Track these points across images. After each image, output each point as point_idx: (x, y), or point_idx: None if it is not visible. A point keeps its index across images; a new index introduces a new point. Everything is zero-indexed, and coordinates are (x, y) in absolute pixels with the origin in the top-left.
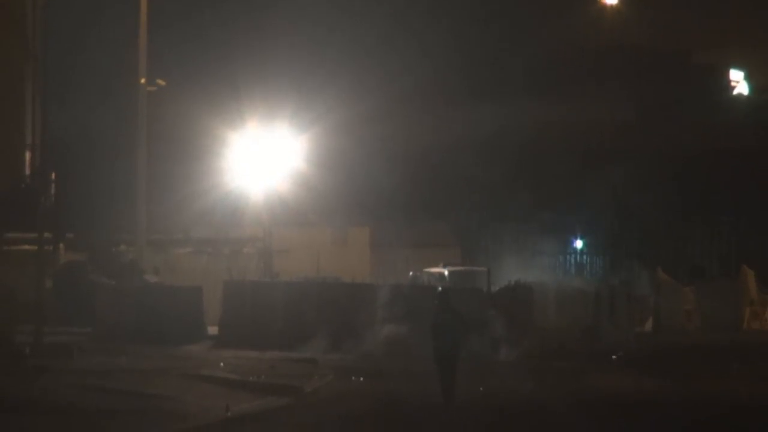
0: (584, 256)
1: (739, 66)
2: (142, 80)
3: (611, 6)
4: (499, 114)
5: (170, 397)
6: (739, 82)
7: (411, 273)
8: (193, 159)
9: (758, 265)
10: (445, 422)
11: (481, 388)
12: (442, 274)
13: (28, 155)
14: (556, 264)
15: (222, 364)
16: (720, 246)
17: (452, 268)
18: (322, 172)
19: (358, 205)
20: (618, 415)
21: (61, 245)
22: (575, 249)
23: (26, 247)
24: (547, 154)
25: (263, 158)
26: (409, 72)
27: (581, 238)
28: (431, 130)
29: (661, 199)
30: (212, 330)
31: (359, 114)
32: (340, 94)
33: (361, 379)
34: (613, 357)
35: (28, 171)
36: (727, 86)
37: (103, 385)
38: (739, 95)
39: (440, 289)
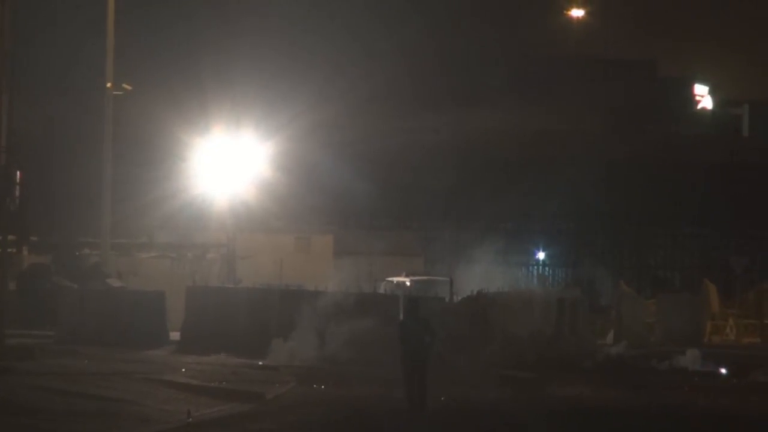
0: (546, 268)
1: (704, 81)
2: (109, 84)
3: (577, 18)
4: (465, 122)
5: (132, 401)
6: (704, 96)
7: (383, 281)
8: (158, 163)
9: (720, 278)
10: (408, 429)
11: (442, 398)
12: (404, 284)
13: None
14: (519, 275)
15: (184, 369)
16: (683, 257)
17: (415, 278)
18: (287, 178)
19: (323, 212)
20: (576, 422)
21: (25, 248)
22: (537, 260)
23: None
24: (512, 163)
25: (228, 164)
26: (375, 80)
27: (543, 250)
28: (397, 138)
29: (625, 209)
30: (175, 335)
31: (325, 121)
32: (306, 101)
33: (323, 386)
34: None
35: None
36: (692, 100)
37: (64, 387)
38: (703, 110)
39: (409, 297)
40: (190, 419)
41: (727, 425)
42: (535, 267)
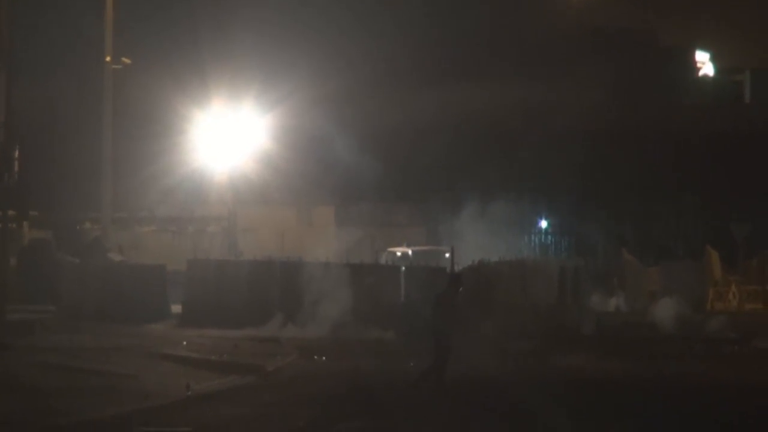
0: (549, 236)
1: (704, 47)
2: (108, 58)
3: None
4: (468, 95)
5: (131, 376)
6: (704, 63)
7: (385, 252)
8: (158, 137)
9: (723, 246)
10: (410, 401)
11: None
12: (406, 254)
13: None
14: (522, 244)
15: (185, 342)
16: (686, 226)
17: (416, 248)
18: (288, 151)
19: (324, 184)
20: (577, 393)
21: (26, 223)
22: (540, 229)
23: None
24: (514, 135)
25: (228, 137)
26: (378, 52)
27: (546, 219)
28: (399, 111)
29: (627, 179)
30: (176, 309)
31: (326, 94)
32: (307, 74)
33: (324, 359)
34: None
35: None
36: (693, 67)
37: (64, 363)
38: (705, 76)
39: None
40: (190, 392)
41: (728, 395)
42: (538, 236)
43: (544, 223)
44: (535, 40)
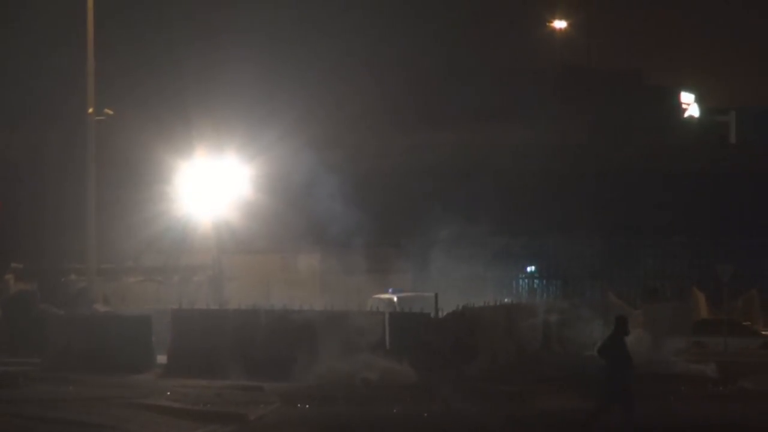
0: (536, 281)
1: (689, 88)
2: (90, 110)
3: (560, 30)
4: (450, 139)
5: (111, 426)
6: (690, 104)
7: (370, 298)
8: (142, 186)
9: (708, 286)
10: None
11: (425, 414)
12: (391, 300)
13: None
14: (508, 289)
15: (168, 392)
16: (672, 266)
17: (401, 294)
18: (271, 199)
19: (308, 232)
20: None
21: (11, 275)
22: (527, 273)
23: None
24: (500, 177)
25: (212, 186)
26: (359, 98)
27: (533, 263)
28: (381, 156)
29: (613, 219)
30: (162, 359)
31: (308, 141)
32: (289, 122)
33: (307, 406)
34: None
35: None
36: (678, 108)
37: (45, 414)
38: (690, 117)
39: (618, 314)
40: None
41: None
42: (525, 280)
43: (531, 267)
44: (520, 81)
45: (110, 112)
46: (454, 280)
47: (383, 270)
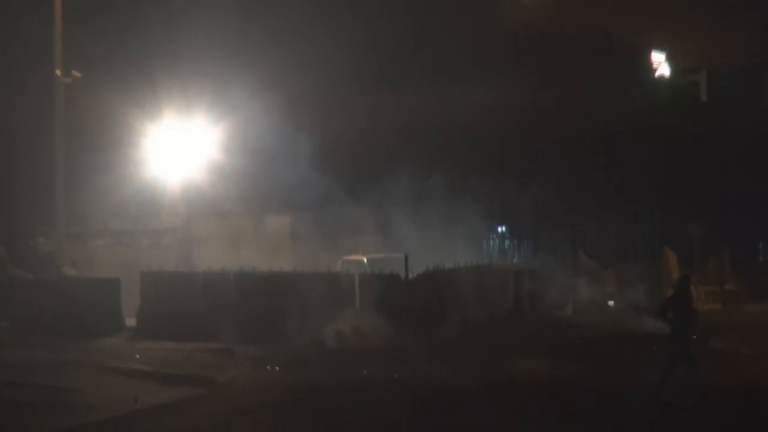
0: (506, 241)
1: (659, 47)
2: (58, 72)
3: None
4: (421, 99)
5: (79, 390)
6: (660, 63)
7: (340, 260)
8: (109, 149)
9: (680, 246)
10: (363, 408)
11: (395, 375)
12: (362, 262)
13: None
14: (479, 249)
15: (137, 355)
16: (643, 227)
17: (371, 256)
18: (241, 161)
19: (278, 193)
20: (528, 398)
21: None
22: (498, 233)
23: None
24: (469, 137)
25: (180, 148)
26: (331, 59)
27: (504, 222)
28: (352, 117)
29: (584, 180)
30: (131, 322)
31: (278, 102)
32: (259, 83)
33: (278, 369)
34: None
35: None
36: (649, 68)
37: (11, 379)
38: (661, 77)
39: (682, 273)
40: (138, 405)
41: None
42: (496, 240)
43: (502, 227)
44: (485, 42)
45: (78, 75)
46: (424, 242)
47: (354, 231)
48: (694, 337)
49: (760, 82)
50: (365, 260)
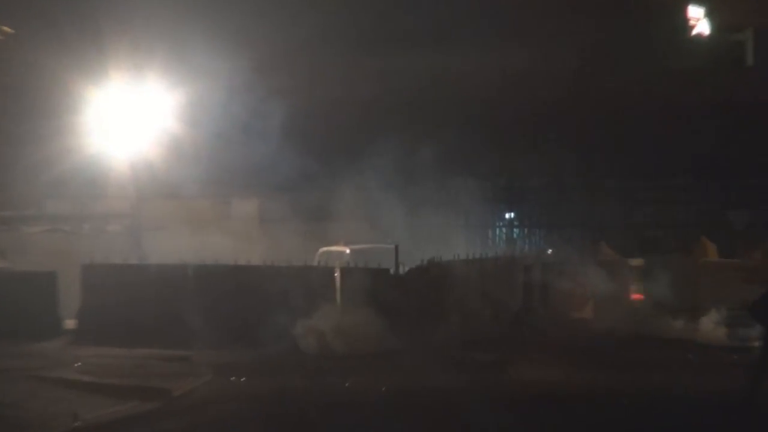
0: (515, 230)
1: (698, 2)
2: None
3: None
4: (420, 62)
5: (11, 404)
6: (699, 19)
7: (318, 251)
8: (46, 118)
9: (720, 236)
10: (340, 423)
11: (383, 388)
12: (343, 253)
13: None
14: (483, 239)
15: (79, 363)
16: (677, 214)
17: (355, 246)
18: (202, 134)
19: (245, 172)
20: (540, 413)
21: None
22: (505, 220)
23: None
24: (476, 108)
25: (130, 118)
26: (308, 15)
27: (512, 208)
28: (334, 83)
29: (609, 158)
30: (71, 323)
31: (245, 65)
32: (222, 42)
33: (243, 379)
34: None
35: None
36: (685, 26)
37: None
38: (699, 36)
39: None
40: (78, 423)
41: (720, 412)
42: (503, 228)
43: (510, 214)
44: (500, 1)
45: (9, 31)
46: (418, 230)
47: (335, 218)
48: None
49: None
50: (348, 251)
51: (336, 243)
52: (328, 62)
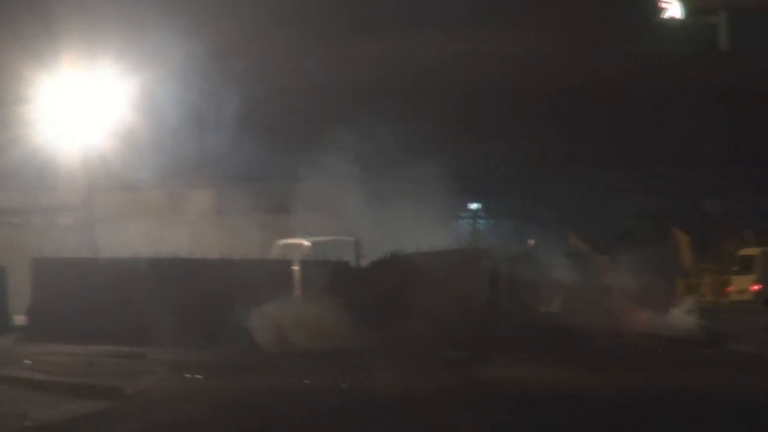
0: (480, 221)
1: None
2: None
3: None
4: (375, 51)
5: None
6: (671, 3)
7: (276, 244)
8: None
9: (694, 227)
10: (297, 423)
11: (344, 384)
12: (303, 246)
13: None
14: (447, 231)
15: (28, 361)
16: (652, 204)
17: (315, 239)
18: (156, 123)
19: (202, 162)
20: (512, 413)
21: None
22: (470, 211)
23: None
24: (439, 96)
25: (82, 106)
26: (264, 3)
27: (479, 199)
28: (290, 72)
29: (578, 147)
30: (21, 319)
31: (201, 52)
32: (177, 28)
33: (199, 377)
34: None
35: None
36: (657, 8)
37: None
38: (671, 19)
39: None
40: (28, 423)
41: (692, 409)
42: (468, 220)
43: (476, 205)
44: None
45: None
46: (380, 222)
47: (294, 209)
48: None
49: None
50: (307, 244)
51: (295, 236)
52: (286, 50)
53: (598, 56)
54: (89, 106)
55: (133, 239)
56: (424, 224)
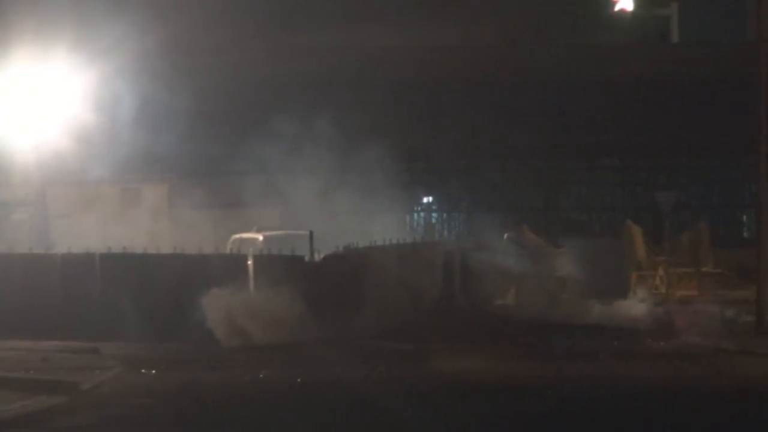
0: (434, 215)
1: None
2: None
3: None
4: (323, 43)
5: None
6: None
7: (231, 239)
8: None
9: (647, 219)
10: (253, 415)
11: (299, 379)
12: (256, 240)
13: None
14: (401, 225)
15: None
16: (602, 196)
17: (268, 233)
18: (109, 118)
19: (155, 157)
20: (461, 402)
21: None
22: (423, 204)
23: None
24: (387, 88)
25: (34, 101)
26: None
27: (431, 192)
28: (248, 62)
29: (530, 140)
30: None
31: (157, 44)
32: (135, 20)
33: (154, 371)
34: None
35: None
36: (608, 1)
37: None
38: (623, 12)
39: None
40: None
41: (642, 401)
42: (421, 213)
43: (428, 198)
44: None
45: None
46: (333, 215)
47: (247, 204)
48: None
49: (743, 17)
50: (261, 238)
51: (249, 230)
52: (236, 42)
53: (551, 47)
54: (42, 101)
55: (87, 234)
56: (378, 218)
